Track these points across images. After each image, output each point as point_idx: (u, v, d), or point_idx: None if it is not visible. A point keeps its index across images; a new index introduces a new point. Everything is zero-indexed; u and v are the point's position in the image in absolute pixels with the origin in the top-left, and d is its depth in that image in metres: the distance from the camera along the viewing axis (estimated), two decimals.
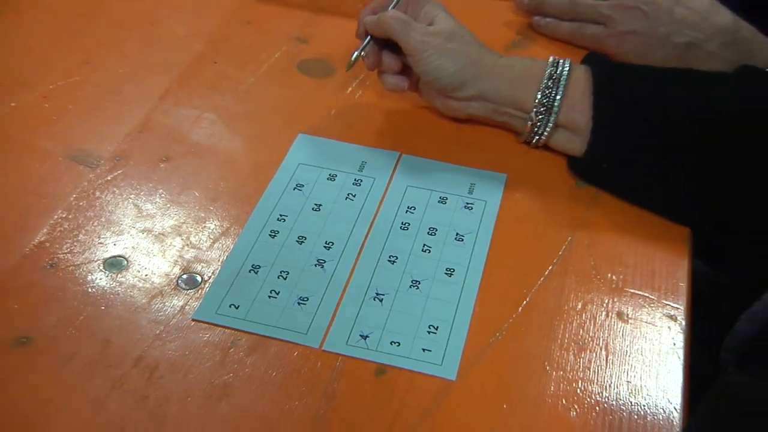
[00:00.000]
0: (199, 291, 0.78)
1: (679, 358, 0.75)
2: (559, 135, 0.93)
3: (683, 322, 0.78)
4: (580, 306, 0.79)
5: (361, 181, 0.91)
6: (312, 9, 1.18)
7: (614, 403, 0.71)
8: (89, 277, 0.79)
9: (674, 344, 0.76)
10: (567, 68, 0.92)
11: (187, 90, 1.03)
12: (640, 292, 0.81)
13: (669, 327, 0.78)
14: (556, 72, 0.92)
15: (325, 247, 0.83)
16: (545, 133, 0.92)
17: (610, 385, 0.72)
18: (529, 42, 1.16)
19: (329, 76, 1.06)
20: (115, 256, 0.81)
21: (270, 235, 0.84)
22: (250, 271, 0.80)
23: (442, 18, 0.94)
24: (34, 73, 1.03)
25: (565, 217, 0.89)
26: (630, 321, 0.78)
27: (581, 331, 0.77)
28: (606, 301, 0.80)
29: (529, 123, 0.92)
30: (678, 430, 0.69)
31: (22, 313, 0.76)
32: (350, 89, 1.04)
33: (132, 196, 0.88)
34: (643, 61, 1.09)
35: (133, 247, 0.82)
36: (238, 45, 1.11)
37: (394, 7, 0.94)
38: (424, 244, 0.84)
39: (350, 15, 1.13)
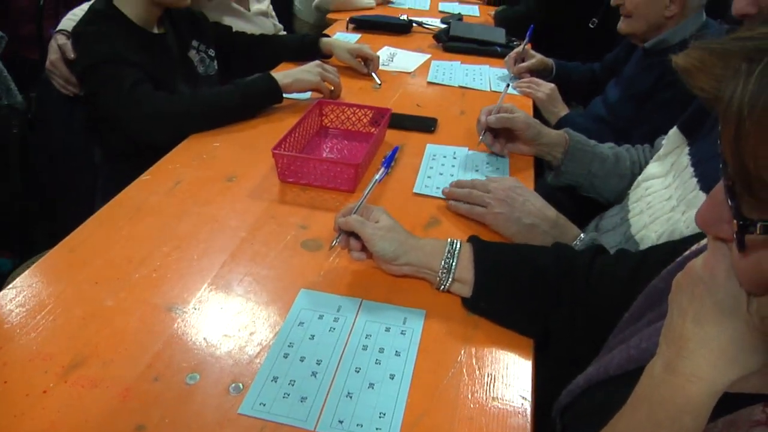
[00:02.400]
0: (242, 394, 0.78)
1: (527, 422, 0.77)
2: (455, 285, 0.95)
3: (529, 399, 0.80)
4: (470, 396, 0.80)
5: (338, 319, 0.91)
6: (310, 207, 1.20)
7: None
8: (177, 386, 0.79)
9: (526, 413, 0.78)
10: (458, 246, 0.96)
11: (236, 261, 1.03)
12: (505, 382, 0.82)
13: (521, 403, 0.80)
14: (452, 248, 0.95)
15: (316, 363, 0.83)
16: (447, 284, 0.95)
17: None
18: (438, 222, 1.18)
19: (319, 249, 1.07)
20: (192, 373, 0.81)
21: (283, 356, 0.84)
22: (271, 381, 0.80)
23: (384, 218, 0.98)
24: (149, 255, 1.04)
25: (460, 335, 0.90)
26: (500, 401, 0.80)
27: (473, 410, 0.78)
28: (486, 389, 0.81)
29: (438, 279, 0.95)
30: None
31: (140, 409, 0.76)
32: (331, 258, 1.05)
33: (203, 332, 0.89)
34: (505, 230, 1.13)
35: (203, 366, 0.83)
36: (266, 232, 1.12)
37: (355, 213, 0.97)
38: (377, 359, 0.84)
39: (331, 210, 1.16)
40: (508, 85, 1.54)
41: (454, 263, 0.94)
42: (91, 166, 1.77)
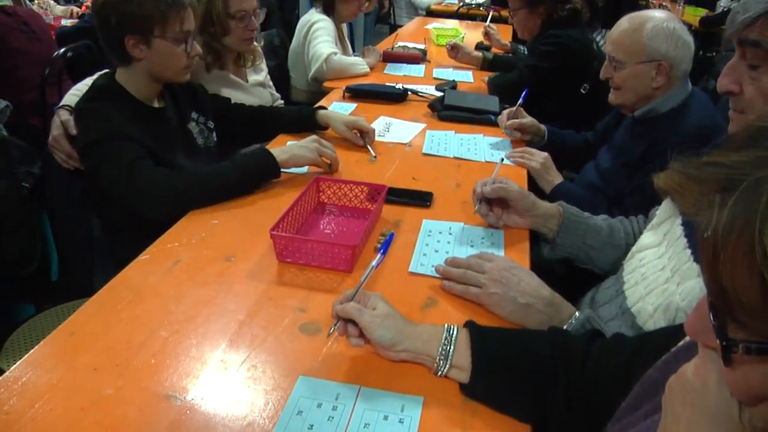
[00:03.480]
0: None
1: None
2: (453, 371, 0.96)
3: None
4: None
5: (337, 407, 0.92)
6: (308, 288, 1.21)
7: None
8: None
9: None
10: (455, 332, 0.98)
11: (234, 347, 1.05)
12: None
13: None
14: (449, 335, 0.97)
15: None
16: (445, 370, 0.97)
17: None
18: (435, 303, 1.19)
19: (317, 333, 1.08)
20: None
21: None
22: None
23: (381, 305, 0.99)
24: (148, 339, 1.05)
25: (458, 421, 0.91)
26: None
27: None
28: None
29: (435, 365, 0.97)
30: None
31: None
32: (330, 343, 1.06)
33: (202, 422, 0.89)
34: (501, 310, 1.14)
35: None
36: (264, 315, 1.13)
37: (352, 299, 0.99)
38: None
39: (329, 292, 1.18)
40: (502, 159, 1.58)
41: (451, 350, 0.96)
42: (90, 238, 1.79)
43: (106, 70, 1.71)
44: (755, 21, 0.97)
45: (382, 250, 1.03)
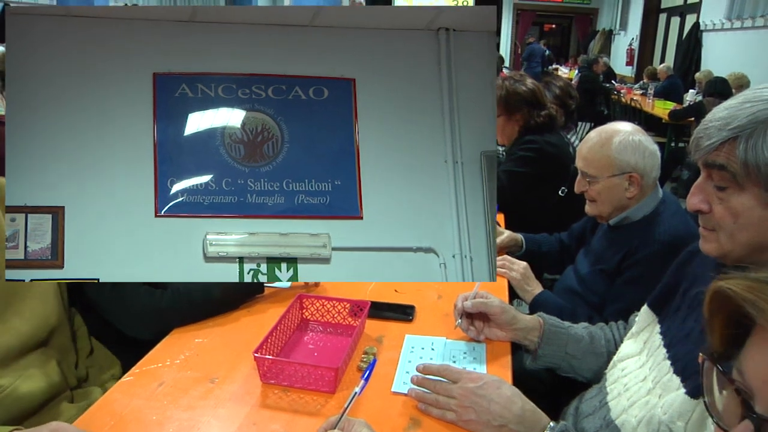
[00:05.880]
0: None
1: None
2: None
3: None
4: None
5: None
6: (292, 411, 1.22)
7: None
8: None
9: None
10: None
11: None
12: None
13: None
14: None
15: None
16: None
17: None
18: (418, 424, 1.21)
19: None
20: None
21: None
22: None
23: None
24: None
25: None
26: None
27: None
28: None
29: None
30: None
31: None
32: None
33: None
34: None
35: None
36: None
37: (336, 427, 1.01)
38: None
39: (313, 414, 1.20)
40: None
41: None
42: None
43: None
44: (720, 146, 1.01)
45: (364, 377, 1.06)
